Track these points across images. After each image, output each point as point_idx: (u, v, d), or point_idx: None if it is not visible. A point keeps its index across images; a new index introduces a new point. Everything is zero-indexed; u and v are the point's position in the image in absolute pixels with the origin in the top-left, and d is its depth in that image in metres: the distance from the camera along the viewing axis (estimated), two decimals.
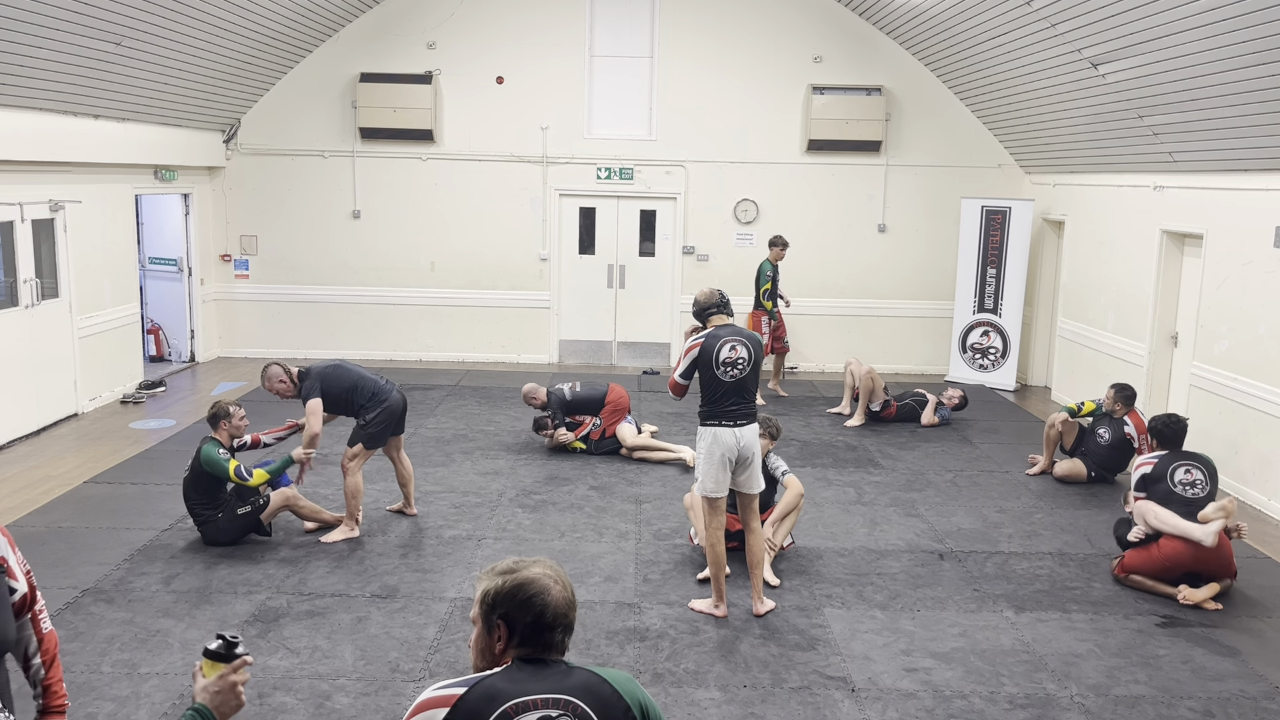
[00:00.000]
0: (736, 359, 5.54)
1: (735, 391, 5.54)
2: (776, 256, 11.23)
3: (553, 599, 2.19)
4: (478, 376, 12.14)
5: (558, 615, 2.19)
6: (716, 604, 5.70)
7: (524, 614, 2.18)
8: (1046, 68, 9.62)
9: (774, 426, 6.58)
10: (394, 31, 12.45)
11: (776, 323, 11.37)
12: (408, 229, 12.80)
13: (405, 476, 7.20)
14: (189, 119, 11.31)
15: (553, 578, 2.22)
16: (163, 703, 4.66)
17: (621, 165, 12.75)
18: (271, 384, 6.74)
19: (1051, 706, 4.86)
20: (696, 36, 12.56)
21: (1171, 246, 9.51)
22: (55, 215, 9.45)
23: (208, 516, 6.52)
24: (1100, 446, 8.41)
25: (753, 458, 5.61)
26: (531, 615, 2.18)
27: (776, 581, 6.17)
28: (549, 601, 2.19)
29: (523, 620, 2.18)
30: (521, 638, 2.19)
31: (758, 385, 5.68)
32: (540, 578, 2.21)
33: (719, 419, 5.53)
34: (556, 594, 2.20)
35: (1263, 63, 6.83)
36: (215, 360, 12.69)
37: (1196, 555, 5.96)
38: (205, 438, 6.58)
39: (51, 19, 7.65)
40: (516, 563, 2.25)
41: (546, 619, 2.18)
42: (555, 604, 2.19)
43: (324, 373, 6.75)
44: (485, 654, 2.24)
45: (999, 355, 12.31)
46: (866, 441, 9.64)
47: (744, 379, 5.57)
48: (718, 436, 5.53)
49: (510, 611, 2.18)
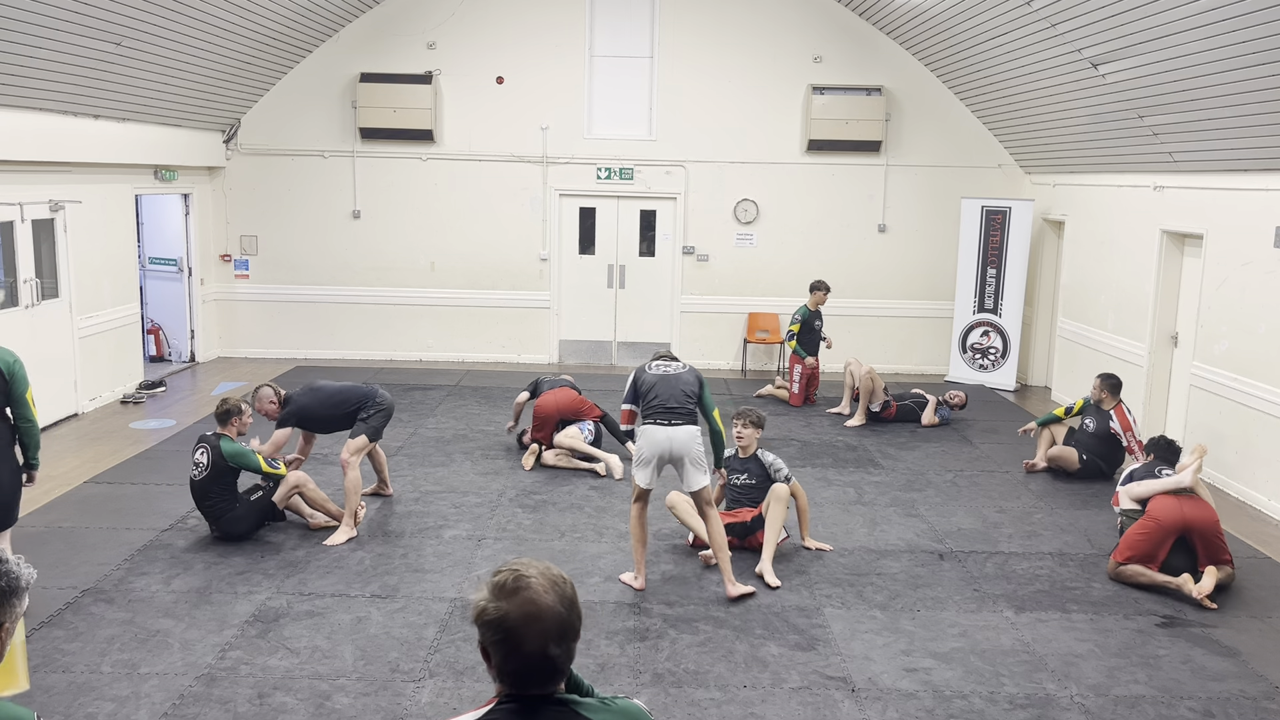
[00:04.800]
0: (665, 370, 6.16)
1: (665, 390, 6.04)
2: (816, 302, 10.93)
3: (536, 630, 1.91)
4: (478, 376, 12.14)
5: (544, 642, 1.92)
6: (636, 576, 6.13)
7: (498, 653, 1.94)
8: (1046, 68, 9.62)
9: (752, 415, 6.78)
10: (394, 31, 12.45)
11: (807, 372, 10.92)
12: (408, 229, 12.80)
13: (380, 460, 7.56)
14: (189, 119, 11.31)
15: (545, 598, 1.94)
16: (163, 703, 4.66)
17: (621, 165, 12.75)
18: (262, 405, 6.97)
19: (1051, 706, 4.86)
20: (696, 36, 12.56)
21: (1171, 246, 9.51)
22: (55, 215, 9.45)
23: (225, 509, 6.55)
24: (1087, 436, 8.52)
25: (685, 458, 5.96)
26: (502, 655, 1.94)
27: (777, 583, 6.17)
28: (527, 635, 1.91)
29: (498, 657, 1.94)
30: (501, 674, 1.96)
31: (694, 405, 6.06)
32: (525, 605, 1.92)
33: (653, 418, 6.04)
34: (547, 620, 1.93)
35: (1263, 63, 6.83)
36: (215, 360, 12.69)
37: (1184, 513, 6.15)
38: (217, 434, 6.59)
39: (51, 19, 7.65)
40: (514, 580, 1.95)
41: (525, 651, 1.92)
42: (539, 634, 1.92)
43: (302, 404, 7.03)
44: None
45: (999, 355, 12.31)
46: (866, 441, 9.64)
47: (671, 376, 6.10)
48: (647, 433, 6.02)
49: (489, 645, 1.96)
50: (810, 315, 10.94)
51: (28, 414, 5.26)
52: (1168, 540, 6.16)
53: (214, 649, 5.19)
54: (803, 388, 10.99)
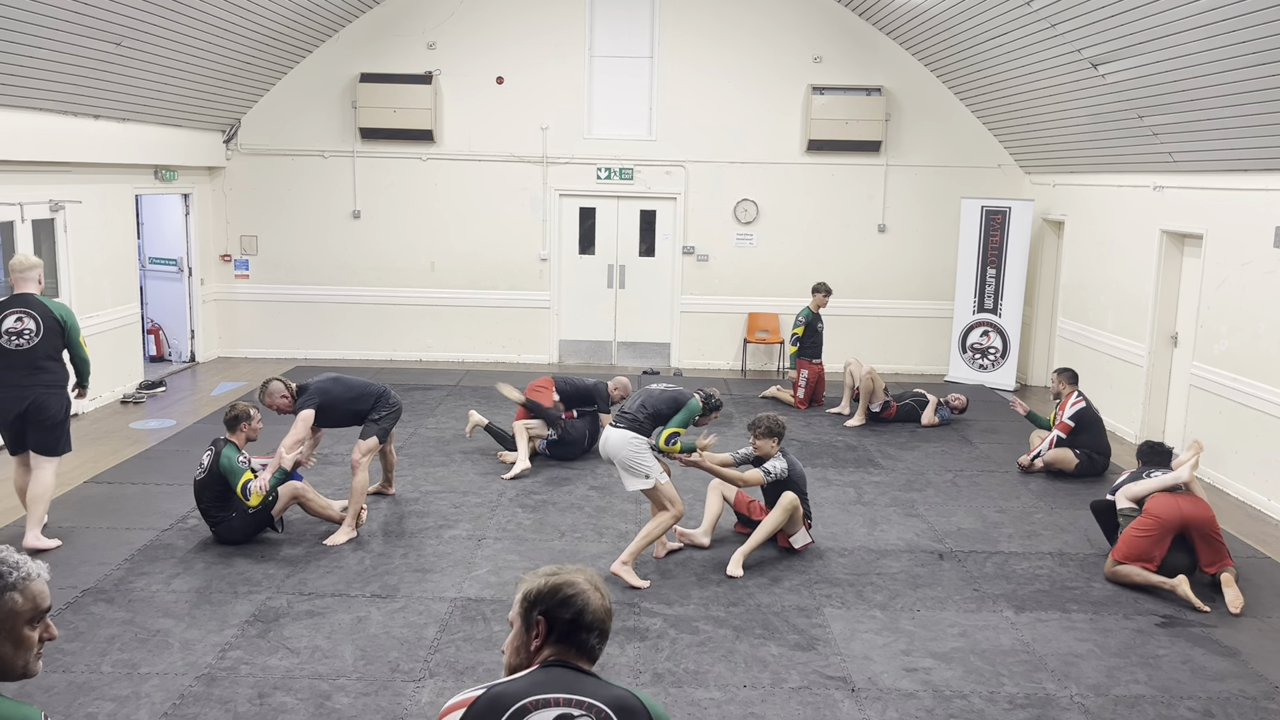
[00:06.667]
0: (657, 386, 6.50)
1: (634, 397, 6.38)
2: (817, 304, 10.91)
3: (593, 603, 2.26)
4: (478, 376, 12.14)
5: (596, 618, 2.26)
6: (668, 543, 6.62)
7: (564, 611, 2.24)
8: (1046, 68, 9.62)
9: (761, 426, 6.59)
10: (394, 31, 12.45)
11: (813, 378, 10.86)
12: (408, 229, 12.80)
13: (391, 461, 7.64)
14: (189, 119, 11.31)
15: (594, 585, 2.29)
16: (163, 703, 4.66)
17: (621, 165, 12.75)
18: (273, 399, 6.88)
19: (1051, 706, 4.86)
20: (696, 37, 12.57)
21: (1171, 246, 9.51)
22: (55, 215, 9.46)
23: (222, 517, 6.53)
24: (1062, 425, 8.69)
25: (615, 460, 6.18)
26: (571, 613, 2.24)
27: (738, 573, 6.29)
28: (589, 603, 2.25)
29: (562, 617, 2.23)
30: (559, 634, 2.24)
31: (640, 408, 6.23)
32: (582, 582, 2.28)
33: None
34: (596, 600, 2.27)
35: (1263, 63, 6.83)
36: (215, 360, 12.69)
37: (1183, 511, 6.15)
38: (224, 440, 6.58)
39: (51, 19, 7.65)
40: (559, 568, 2.32)
41: (585, 619, 2.24)
42: (595, 608, 2.26)
43: (324, 387, 6.96)
44: (520, 652, 2.28)
45: (999, 355, 12.31)
46: (866, 441, 9.64)
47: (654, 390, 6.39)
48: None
49: (551, 608, 2.24)
50: (813, 318, 10.93)
51: (81, 354, 6.53)
52: (1167, 538, 6.16)
53: (214, 649, 5.19)
54: (808, 394, 10.98)
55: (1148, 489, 6.40)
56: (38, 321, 6.29)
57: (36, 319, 6.29)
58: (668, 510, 6.16)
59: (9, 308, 6.29)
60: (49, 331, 6.31)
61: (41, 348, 6.30)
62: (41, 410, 6.35)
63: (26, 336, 6.26)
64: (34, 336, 6.27)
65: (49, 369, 6.36)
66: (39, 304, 6.33)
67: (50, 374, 6.37)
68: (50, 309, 6.35)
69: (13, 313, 6.27)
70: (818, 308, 10.97)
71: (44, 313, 6.32)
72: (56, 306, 6.40)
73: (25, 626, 2.12)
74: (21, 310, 6.28)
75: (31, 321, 6.28)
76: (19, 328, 6.26)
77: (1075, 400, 8.63)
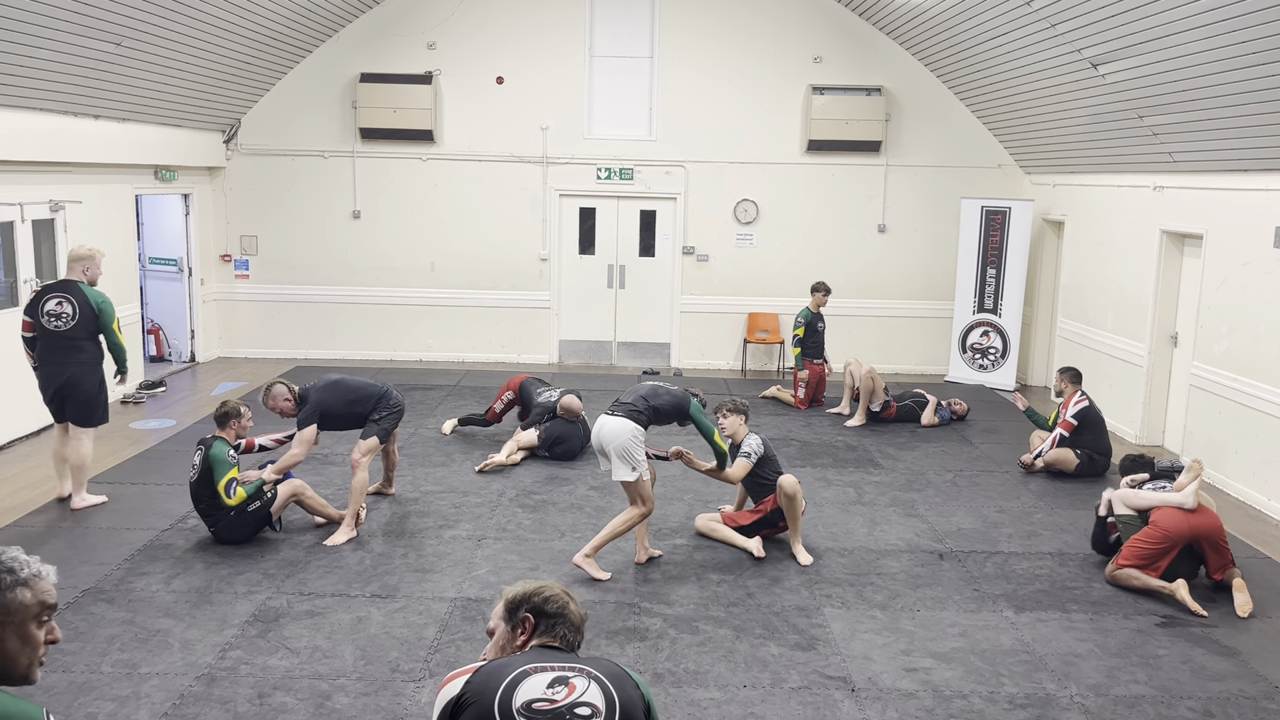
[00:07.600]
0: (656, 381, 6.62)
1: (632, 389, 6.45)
2: (817, 304, 10.87)
3: (570, 606, 2.58)
4: (478, 376, 12.14)
5: (574, 620, 2.58)
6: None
7: (548, 606, 2.56)
8: (1046, 68, 9.62)
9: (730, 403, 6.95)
10: (394, 31, 12.45)
11: (814, 378, 10.83)
12: (408, 229, 12.80)
13: (393, 461, 7.67)
14: (189, 119, 11.31)
15: (569, 595, 2.61)
16: (163, 703, 4.66)
17: (621, 165, 12.75)
18: (276, 403, 6.90)
19: (1051, 706, 4.86)
20: (696, 37, 12.56)
21: (1171, 246, 9.51)
22: (55, 215, 9.45)
23: (219, 516, 6.53)
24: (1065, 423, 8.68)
25: (609, 448, 6.16)
26: (555, 608, 2.56)
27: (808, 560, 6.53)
28: (568, 605, 2.59)
29: (547, 611, 2.55)
30: (545, 628, 2.53)
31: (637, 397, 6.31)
32: (560, 590, 2.61)
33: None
34: (573, 606, 2.59)
35: (1263, 63, 6.83)
36: (215, 360, 12.69)
37: (1190, 524, 6.13)
38: (213, 436, 6.59)
39: (51, 19, 7.65)
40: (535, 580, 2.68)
41: (567, 617, 2.57)
42: (572, 611, 2.58)
43: (322, 397, 6.94)
44: (505, 650, 2.55)
45: (999, 355, 12.31)
46: (866, 441, 9.64)
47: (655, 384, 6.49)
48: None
49: (536, 606, 2.55)
50: (813, 318, 10.93)
51: (115, 340, 7.15)
52: (1174, 550, 6.14)
53: (214, 649, 5.19)
54: (809, 394, 10.97)
55: (1150, 501, 6.36)
56: (74, 306, 6.99)
57: (74, 304, 7.00)
58: (639, 507, 6.24)
59: (50, 292, 7.03)
60: (84, 316, 7.00)
61: (77, 330, 7.00)
62: (76, 386, 7.07)
63: (64, 319, 6.98)
64: (70, 319, 6.98)
65: (84, 349, 7.07)
66: (78, 290, 7.03)
67: (85, 353, 7.07)
68: (87, 295, 7.04)
69: (54, 296, 7.01)
70: (817, 307, 10.96)
71: (81, 299, 7.01)
72: (94, 294, 7.07)
73: (33, 622, 2.17)
74: (62, 295, 7.01)
75: (69, 306, 6.99)
76: (58, 310, 6.98)
77: (1078, 399, 8.63)
